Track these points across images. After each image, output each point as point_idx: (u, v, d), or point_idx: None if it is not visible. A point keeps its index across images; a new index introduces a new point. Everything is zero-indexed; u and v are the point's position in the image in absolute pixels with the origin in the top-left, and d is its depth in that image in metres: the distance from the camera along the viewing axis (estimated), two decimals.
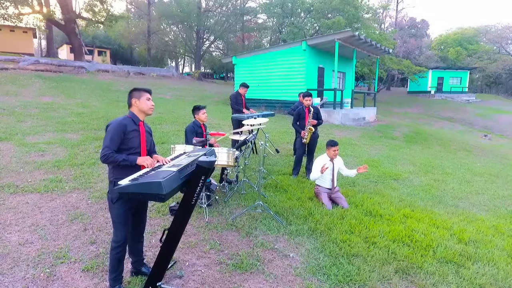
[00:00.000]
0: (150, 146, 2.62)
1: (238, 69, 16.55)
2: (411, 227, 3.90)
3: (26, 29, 29.93)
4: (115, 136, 2.35)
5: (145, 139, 2.52)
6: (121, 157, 2.34)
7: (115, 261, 2.45)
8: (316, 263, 3.08)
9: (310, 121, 5.53)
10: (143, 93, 2.51)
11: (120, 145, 2.38)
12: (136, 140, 2.46)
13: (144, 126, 2.55)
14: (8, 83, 12.40)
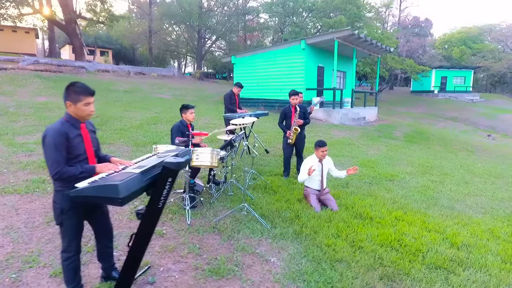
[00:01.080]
0: (97, 146, 2.44)
1: (237, 69, 16.42)
2: (401, 231, 3.75)
3: (28, 30, 30.08)
4: (60, 147, 2.10)
5: (91, 143, 2.32)
6: (78, 170, 2.13)
7: (70, 271, 2.30)
8: (297, 269, 2.94)
9: (296, 121, 5.39)
10: (82, 97, 2.19)
11: (67, 151, 2.15)
12: (81, 146, 2.24)
13: (86, 128, 2.32)
14: (5, 83, 12.38)
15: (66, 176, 2.13)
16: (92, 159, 2.33)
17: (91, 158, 2.32)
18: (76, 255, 2.33)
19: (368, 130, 12.58)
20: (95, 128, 2.51)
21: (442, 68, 35.72)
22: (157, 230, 3.50)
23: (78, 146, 2.23)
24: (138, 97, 14.96)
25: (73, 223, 2.26)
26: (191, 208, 4.02)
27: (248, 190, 4.85)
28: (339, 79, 17.21)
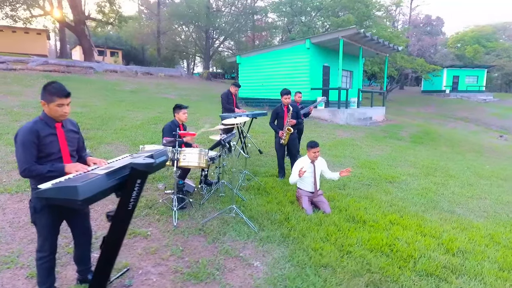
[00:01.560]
0: (77, 145, 2.41)
1: (242, 68, 16.36)
2: (394, 235, 3.61)
3: (40, 31, 30.63)
4: (29, 145, 2.09)
5: (66, 142, 2.28)
6: (45, 169, 2.11)
7: (43, 272, 2.27)
8: (280, 274, 2.84)
9: (289, 121, 5.27)
10: (55, 98, 2.18)
11: (38, 149, 2.14)
12: (55, 144, 2.21)
13: (63, 127, 2.29)
14: (14, 83, 12.60)
15: (35, 174, 2.11)
16: (67, 158, 2.29)
17: (66, 157, 2.28)
18: (50, 255, 2.29)
19: (374, 130, 12.34)
20: (77, 128, 2.47)
21: (454, 67, 34.95)
22: (142, 232, 3.46)
23: (51, 145, 2.21)
24: (143, 97, 15.04)
25: (47, 223, 2.23)
26: (179, 209, 3.97)
27: (241, 191, 4.77)
28: (346, 79, 16.96)
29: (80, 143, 2.48)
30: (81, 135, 2.51)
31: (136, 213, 3.86)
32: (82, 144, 2.52)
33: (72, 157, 2.34)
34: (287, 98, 5.31)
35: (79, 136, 2.46)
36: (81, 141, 2.50)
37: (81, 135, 2.52)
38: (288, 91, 5.34)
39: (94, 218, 3.67)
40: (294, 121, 5.32)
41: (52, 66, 17.61)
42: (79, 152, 2.46)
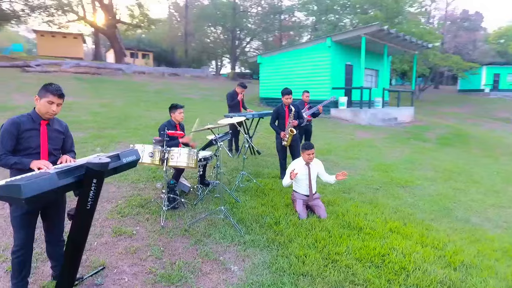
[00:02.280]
0: (63, 145, 2.46)
1: (263, 68, 16.28)
2: (391, 245, 3.35)
3: (76, 35, 32.41)
4: (6, 136, 2.18)
5: (47, 140, 2.32)
6: (13, 160, 2.16)
7: (15, 266, 2.31)
8: (256, 280, 2.71)
9: (291, 122, 5.08)
10: (48, 94, 2.28)
11: (16, 145, 2.21)
12: (35, 140, 2.26)
13: (48, 126, 2.34)
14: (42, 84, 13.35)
15: (2, 163, 2.19)
16: (45, 155, 2.34)
17: (43, 154, 2.34)
18: (21, 249, 2.31)
19: (397, 131, 11.76)
20: (65, 130, 2.52)
21: (494, 64, 32.60)
22: (127, 230, 3.46)
23: (30, 140, 2.27)
24: (166, 97, 15.37)
25: (17, 216, 2.26)
26: (171, 209, 3.95)
27: (238, 192, 4.67)
28: (371, 78, 16.34)
29: (67, 143, 2.53)
30: (68, 136, 2.55)
31: (127, 212, 3.89)
32: (70, 144, 2.56)
33: (52, 155, 2.38)
34: (288, 98, 5.14)
35: (64, 137, 2.50)
36: (69, 142, 2.55)
37: (69, 136, 2.56)
38: (289, 90, 5.17)
39: None
40: (296, 122, 5.13)
41: (83, 68, 18.54)
42: (65, 151, 2.50)
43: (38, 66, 16.25)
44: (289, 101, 5.16)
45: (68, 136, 2.52)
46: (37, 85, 11.04)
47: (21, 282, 2.36)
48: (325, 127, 11.20)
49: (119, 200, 4.22)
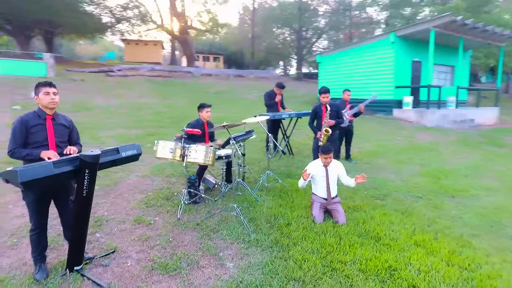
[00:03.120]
0: (69, 138, 2.78)
1: (322, 68, 15.85)
2: (408, 259, 3.01)
3: (156, 42, 35.73)
4: (16, 133, 2.52)
5: (53, 133, 2.63)
6: (24, 152, 2.49)
7: (33, 242, 2.69)
8: (246, 279, 2.70)
9: (327, 121, 4.86)
10: (41, 88, 2.59)
11: (26, 139, 2.55)
12: (41, 134, 2.58)
13: (54, 121, 2.65)
14: (121, 87, 15.08)
15: (16, 156, 2.53)
16: (52, 147, 2.66)
17: (51, 146, 2.66)
18: (36, 229, 2.69)
19: (469, 134, 10.36)
20: (69, 124, 2.86)
21: None
22: (146, 220, 3.75)
23: (37, 134, 2.60)
24: (226, 98, 16.04)
25: (30, 201, 2.63)
26: (192, 204, 4.15)
27: (263, 191, 4.68)
28: (444, 75, 14.67)
29: (73, 136, 2.86)
30: (73, 129, 2.88)
31: (153, 203, 4.21)
32: (76, 137, 2.89)
33: (58, 147, 2.70)
34: (325, 97, 4.95)
35: (69, 131, 2.83)
36: (74, 135, 2.88)
37: (75, 130, 2.90)
38: (326, 89, 4.97)
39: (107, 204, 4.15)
40: (333, 121, 4.91)
41: (157, 72, 20.37)
42: (71, 143, 2.83)
43: (119, 71, 18.42)
44: (325, 100, 4.97)
45: (73, 130, 2.83)
46: (115, 88, 12.80)
47: (39, 256, 2.73)
48: (382, 129, 10.45)
49: (149, 192, 4.59)
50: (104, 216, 3.80)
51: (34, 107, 2.78)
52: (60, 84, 14.09)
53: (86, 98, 12.27)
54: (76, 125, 2.98)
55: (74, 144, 2.84)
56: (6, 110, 9.24)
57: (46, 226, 2.77)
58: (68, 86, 13.74)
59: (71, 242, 2.61)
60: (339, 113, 5.07)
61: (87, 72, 17.71)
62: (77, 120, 8.59)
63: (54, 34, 23.80)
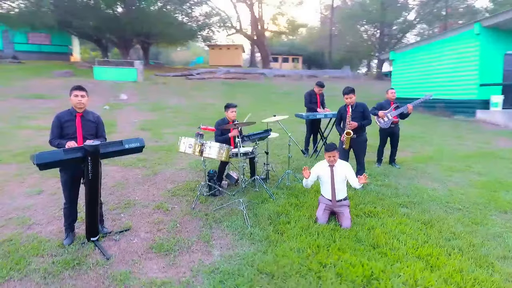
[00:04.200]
0: (95, 131, 3.35)
1: (396, 65, 14.70)
2: (398, 271, 2.79)
3: (237, 46, 37.67)
4: (54, 127, 3.18)
5: (81, 127, 3.22)
6: (57, 142, 3.13)
7: (64, 215, 3.34)
8: (222, 267, 2.89)
9: (348, 124, 4.65)
10: (72, 91, 3.21)
11: (61, 132, 3.19)
12: (71, 128, 3.19)
13: (82, 117, 3.24)
14: (195, 89, 16.50)
15: (52, 144, 3.20)
16: (80, 138, 3.28)
17: (79, 138, 3.28)
18: (67, 203, 3.34)
19: None
20: (96, 120, 3.45)
21: None
22: (166, 206, 4.22)
23: (68, 128, 3.25)
24: (291, 98, 16.17)
25: (63, 180, 3.29)
26: (212, 196, 4.51)
27: (282, 190, 4.76)
28: None
29: (99, 130, 3.44)
30: (100, 124, 3.46)
31: (178, 193, 4.69)
32: (101, 130, 3.47)
33: (86, 139, 3.31)
34: (348, 98, 4.77)
35: (96, 125, 3.42)
36: (100, 129, 3.46)
37: (101, 124, 3.47)
38: (350, 89, 4.78)
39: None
40: (355, 123, 4.68)
41: (232, 75, 21.59)
42: (97, 136, 3.43)
43: (198, 74, 20.15)
44: (349, 101, 4.78)
45: (99, 124, 3.40)
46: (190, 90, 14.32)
47: (69, 226, 3.38)
48: (453, 132, 9.28)
49: (180, 183, 5.10)
50: (133, 200, 4.41)
51: (122, 107, 3.46)
52: (146, 87, 16.25)
53: (163, 99, 13.85)
54: (146, 123, 3.58)
55: (99, 137, 3.41)
56: (98, 110, 11.09)
57: (75, 202, 3.40)
58: (152, 89, 15.69)
59: (86, 216, 3.18)
60: (365, 114, 4.81)
61: (171, 76, 19.86)
62: (149, 118, 9.87)
63: (150, 43, 27.17)
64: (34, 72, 17.55)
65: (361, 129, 4.78)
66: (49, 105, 11.41)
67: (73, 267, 2.88)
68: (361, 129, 4.78)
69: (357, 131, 4.73)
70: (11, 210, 4.06)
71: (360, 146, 4.85)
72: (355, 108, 4.77)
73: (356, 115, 4.73)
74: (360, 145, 4.84)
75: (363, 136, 4.84)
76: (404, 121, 6.71)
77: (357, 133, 4.75)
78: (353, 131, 4.73)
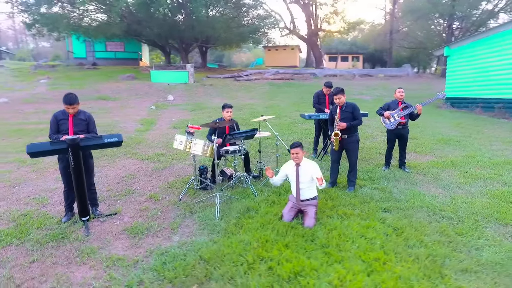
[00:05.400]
0: (86, 128, 3.92)
1: (451, 62, 13.38)
2: (322, 268, 2.80)
3: (293, 47, 37.63)
4: (51, 123, 3.81)
5: (72, 125, 3.80)
6: (54, 136, 3.75)
7: (64, 197, 3.98)
8: (172, 251, 3.20)
9: (337, 124, 4.56)
10: (64, 104, 3.73)
11: (57, 128, 3.83)
12: (65, 125, 3.79)
13: (74, 116, 3.81)
14: (240, 90, 17.09)
15: (51, 139, 3.84)
16: (71, 134, 3.87)
17: (70, 133, 3.89)
18: (65, 188, 3.98)
19: None
20: (86, 118, 3.98)
21: None
22: (157, 196, 4.69)
23: (62, 126, 3.86)
24: None
25: (60, 168, 3.94)
26: (202, 190, 4.87)
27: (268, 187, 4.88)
28: None
29: (89, 127, 3.99)
30: (90, 122, 3.99)
31: (174, 185, 5.14)
32: (92, 127, 4.02)
33: (76, 134, 3.91)
34: (337, 99, 4.70)
35: (87, 123, 3.98)
36: (90, 126, 4.00)
37: (91, 122, 4.00)
38: (338, 90, 4.71)
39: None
40: (344, 124, 4.58)
41: (281, 75, 21.79)
42: (88, 132, 3.99)
43: (246, 75, 20.78)
44: (339, 102, 4.71)
45: (90, 122, 3.96)
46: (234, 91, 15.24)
47: (67, 207, 4.03)
48: (504, 135, 8.21)
49: (181, 177, 5.55)
50: (134, 190, 4.98)
51: (166, 107, 4.09)
52: (194, 89, 17.37)
53: (206, 100, 14.69)
54: (181, 122, 4.10)
55: (90, 133, 4.00)
56: (145, 110, 12.31)
57: (72, 186, 4.04)
58: (199, 90, 16.72)
59: (76, 199, 3.77)
60: (355, 114, 4.66)
61: (221, 78, 20.85)
62: (186, 118, 10.65)
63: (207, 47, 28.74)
64: (105, 77, 19.97)
65: (352, 129, 4.67)
66: (109, 105, 12.98)
67: (57, 240, 3.48)
68: (352, 129, 4.67)
69: (347, 131, 4.63)
70: (38, 191, 4.92)
71: (351, 147, 4.74)
72: (345, 108, 4.68)
73: (345, 116, 4.64)
74: (351, 145, 4.72)
75: (354, 137, 4.72)
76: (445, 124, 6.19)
77: (348, 133, 4.65)
78: (343, 131, 4.65)
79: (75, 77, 19.54)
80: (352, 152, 4.77)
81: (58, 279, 2.83)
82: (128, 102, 13.71)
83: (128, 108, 12.60)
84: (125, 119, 10.49)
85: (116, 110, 12.07)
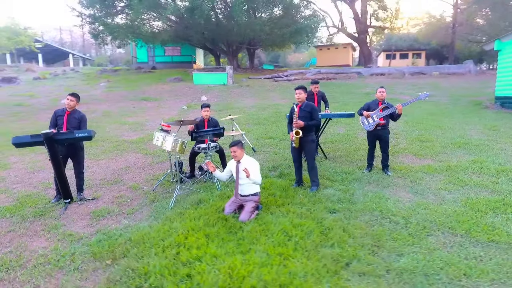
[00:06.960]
0: (78, 125, 4.64)
1: (502, 57, 11.91)
2: (226, 259, 3.02)
3: (345, 45, 36.50)
4: (51, 119, 4.62)
5: (67, 122, 4.55)
6: (51, 129, 4.55)
7: (55, 182, 4.74)
8: (114, 232, 3.69)
9: (295, 123, 4.59)
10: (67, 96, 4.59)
11: (56, 123, 4.61)
12: (61, 121, 4.56)
13: (70, 114, 4.56)
14: (273, 91, 17.31)
15: None
16: (65, 129, 4.65)
17: (64, 128, 4.66)
18: (57, 175, 4.77)
19: None
20: (79, 117, 4.76)
21: None
22: (138, 187, 5.28)
23: (59, 121, 4.66)
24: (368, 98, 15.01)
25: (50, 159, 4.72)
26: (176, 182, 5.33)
27: None
28: None
29: (81, 125, 4.73)
30: (82, 121, 4.74)
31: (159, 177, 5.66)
32: (83, 125, 4.75)
33: (68, 129, 4.66)
34: (296, 93, 4.75)
35: (79, 121, 4.72)
36: (81, 124, 4.75)
37: (83, 121, 4.75)
38: (299, 86, 4.76)
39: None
40: (302, 123, 4.61)
41: (323, 75, 21.42)
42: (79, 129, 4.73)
43: (286, 76, 20.86)
44: (296, 97, 4.75)
45: (82, 121, 4.68)
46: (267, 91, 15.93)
47: (57, 190, 4.78)
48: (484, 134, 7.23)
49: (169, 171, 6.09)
50: (122, 180, 5.64)
51: (197, 107, 5.25)
52: (229, 90, 18.10)
53: (238, 100, 15.21)
54: None
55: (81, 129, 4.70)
56: (176, 109, 13.28)
57: (62, 174, 4.79)
58: (234, 91, 17.34)
59: (59, 185, 4.49)
60: (312, 114, 4.64)
61: (262, 78, 21.25)
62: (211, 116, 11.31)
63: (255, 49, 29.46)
64: (156, 79, 21.80)
65: (308, 129, 4.68)
66: (148, 106, 14.27)
67: (37, 216, 4.21)
68: (308, 129, 4.68)
69: (304, 130, 4.64)
70: (49, 177, 5.85)
71: (307, 146, 4.74)
72: (304, 107, 4.71)
73: (303, 115, 4.66)
74: (307, 145, 4.73)
75: (310, 137, 4.71)
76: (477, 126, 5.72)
77: (304, 132, 4.65)
78: (300, 130, 4.66)
79: (131, 80, 21.69)
80: (308, 152, 4.78)
81: (18, 246, 3.49)
82: (165, 103, 14.90)
83: (162, 108, 13.73)
84: (154, 118, 11.50)
85: (151, 110, 13.25)
